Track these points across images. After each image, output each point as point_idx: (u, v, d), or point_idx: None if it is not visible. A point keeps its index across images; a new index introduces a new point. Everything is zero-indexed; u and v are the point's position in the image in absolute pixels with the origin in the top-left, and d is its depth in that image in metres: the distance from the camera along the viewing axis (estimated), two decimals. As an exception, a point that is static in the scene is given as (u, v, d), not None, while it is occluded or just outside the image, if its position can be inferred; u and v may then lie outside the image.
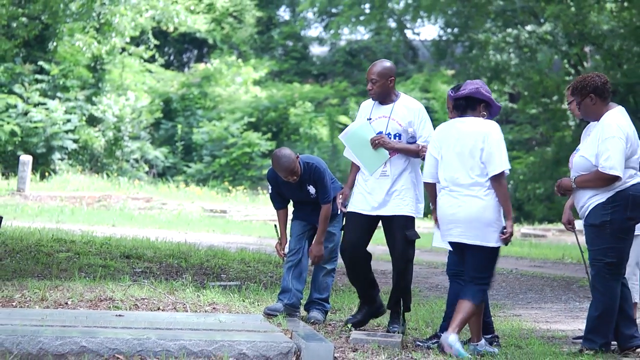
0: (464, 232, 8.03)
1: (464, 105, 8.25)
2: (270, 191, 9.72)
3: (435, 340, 8.40)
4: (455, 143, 8.08)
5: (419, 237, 9.14)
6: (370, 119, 9.03)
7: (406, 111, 8.98)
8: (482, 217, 7.95)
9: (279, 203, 9.70)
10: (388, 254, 9.22)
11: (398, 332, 8.78)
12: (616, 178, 7.97)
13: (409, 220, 8.95)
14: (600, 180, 8.05)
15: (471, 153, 8.00)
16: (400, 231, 8.90)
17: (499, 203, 7.98)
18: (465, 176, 8.01)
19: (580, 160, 8.19)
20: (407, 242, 8.94)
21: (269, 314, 9.15)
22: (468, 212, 7.96)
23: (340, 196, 9.16)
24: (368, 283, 9.23)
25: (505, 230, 8.05)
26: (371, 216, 8.95)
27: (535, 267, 16.57)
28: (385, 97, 8.99)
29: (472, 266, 8.16)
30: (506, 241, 8.10)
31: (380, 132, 8.87)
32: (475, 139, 8.02)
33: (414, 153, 8.93)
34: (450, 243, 8.27)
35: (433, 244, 8.93)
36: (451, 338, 7.87)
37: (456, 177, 8.05)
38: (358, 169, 9.13)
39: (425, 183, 8.41)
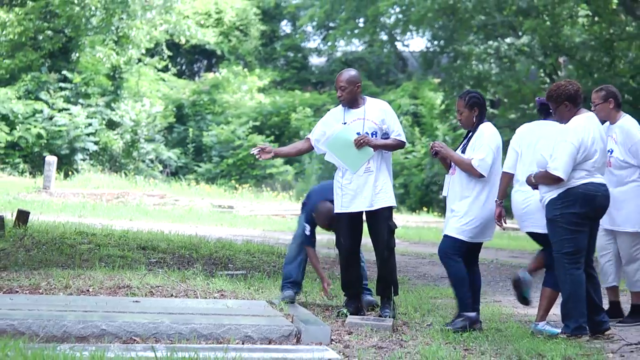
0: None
1: (547, 109, 8.60)
2: (309, 232, 9.63)
3: (459, 320, 8.44)
4: (537, 142, 8.41)
5: (397, 227, 9.22)
6: (345, 123, 9.02)
7: (378, 111, 9.05)
8: None
9: (313, 242, 9.71)
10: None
11: (390, 316, 8.80)
12: (558, 179, 8.01)
13: (391, 211, 9.00)
14: (547, 178, 8.13)
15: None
16: (385, 222, 8.95)
17: None
18: None
19: (539, 158, 8.25)
20: (391, 231, 8.99)
21: (291, 302, 9.16)
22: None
23: (260, 147, 9.20)
24: (359, 279, 9.26)
25: None
26: (361, 213, 8.97)
27: (514, 258, 16.59)
28: (353, 102, 9.03)
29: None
30: None
31: (359, 133, 8.88)
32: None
33: (392, 147, 9.10)
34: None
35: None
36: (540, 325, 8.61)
37: (533, 173, 8.30)
38: (298, 147, 9.44)
39: (504, 173, 8.63)
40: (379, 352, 7.31)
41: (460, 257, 8.59)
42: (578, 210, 8.04)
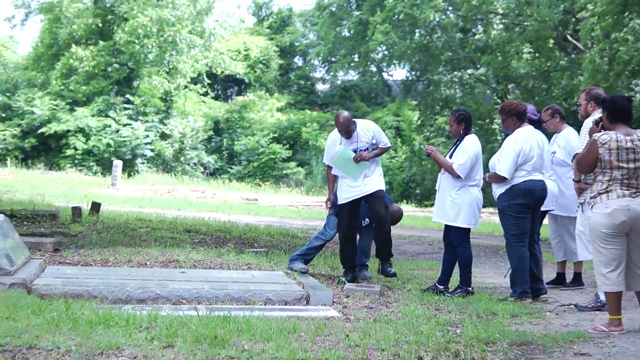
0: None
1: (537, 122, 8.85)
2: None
3: (459, 291, 8.42)
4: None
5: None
6: (341, 144, 9.09)
7: (367, 132, 9.10)
8: None
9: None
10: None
11: (391, 272, 8.89)
12: (504, 178, 8.01)
13: (383, 192, 9.03)
14: (495, 177, 8.18)
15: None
16: (381, 201, 8.92)
17: None
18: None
19: (491, 162, 8.28)
20: (386, 207, 8.98)
21: (303, 272, 9.12)
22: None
23: (328, 202, 9.23)
24: (354, 254, 9.22)
25: None
26: (357, 199, 8.95)
27: (473, 239, 16.60)
28: (350, 132, 9.03)
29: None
30: None
31: (355, 150, 8.96)
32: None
33: (381, 153, 9.15)
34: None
35: (433, 219, 8.96)
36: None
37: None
38: (334, 180, 9.23)
39: None
40: (370, 311, 7.31)
41: (469, 242, 8.65)
42: (521, 201, 8.06)
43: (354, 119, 9.12)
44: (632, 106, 6.59)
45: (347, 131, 9.00)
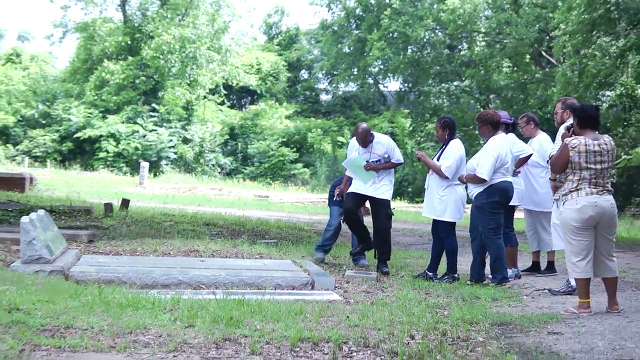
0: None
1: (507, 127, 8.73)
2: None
3: (446, 277, 8.41)
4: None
5: (393, 214, 9.17)
6: (357, 151, 9.08)
7: (381, 145, 9.06)
8: None
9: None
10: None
11: (386, 272, 8.77)
12: (483, 180, 7.99)
13: (388, 202, 8.96)
14: (474, 179, 8.11)
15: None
16: (383, 209, 8.90)
17: None
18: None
19: (469, 164, 8.26)
20: (387, 216, 8.96)
21: (320, 261, 9.16)
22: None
23: (338, 190, 9.27)
24: (361, 229, 9.15)
25: None
26: (362, 195, 8.94)
27: (458, 231, 16.58)
28: (367, 142, 9.00)
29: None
30: None
31: (367, 160, 8.95)
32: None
33: (391, 167, 9.08)
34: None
35: (423, 214, 8.94)
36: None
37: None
38: (350, 178, 9.24)
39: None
40: (368, 295, 7.31)
41: (455, 234, 8.64)
42: (497, 199, 8.04)
43: (373, 132, 9.13)
44: (600, 114, 6.59)
45: (364, 141, 9.00)
